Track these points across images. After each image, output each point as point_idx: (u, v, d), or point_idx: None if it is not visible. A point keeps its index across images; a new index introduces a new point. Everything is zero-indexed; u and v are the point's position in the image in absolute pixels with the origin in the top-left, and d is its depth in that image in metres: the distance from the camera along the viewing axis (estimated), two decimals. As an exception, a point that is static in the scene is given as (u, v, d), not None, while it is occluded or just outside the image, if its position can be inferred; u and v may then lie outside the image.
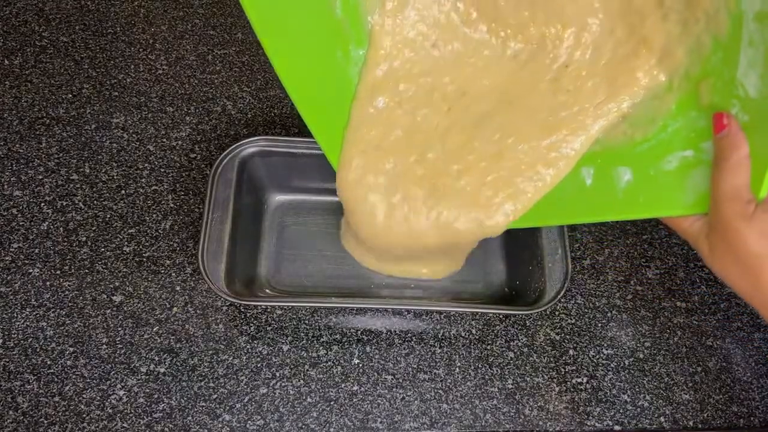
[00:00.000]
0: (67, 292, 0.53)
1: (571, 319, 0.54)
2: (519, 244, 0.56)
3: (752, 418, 0.50)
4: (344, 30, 0.43)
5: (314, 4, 0.41)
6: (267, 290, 0.55)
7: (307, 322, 0.52)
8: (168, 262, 0.54)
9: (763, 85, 0.31)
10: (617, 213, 0.40)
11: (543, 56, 0.42)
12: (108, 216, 0.56)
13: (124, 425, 0.48)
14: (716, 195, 0.33)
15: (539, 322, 0.53)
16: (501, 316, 0.53)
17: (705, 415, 0.50)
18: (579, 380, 0.51)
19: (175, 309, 0.52)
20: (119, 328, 0.51)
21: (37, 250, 0.54)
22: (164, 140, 0.60)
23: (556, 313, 0.54)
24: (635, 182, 0.39)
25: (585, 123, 0.40)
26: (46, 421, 0.48)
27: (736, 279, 0.33)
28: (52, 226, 0.55)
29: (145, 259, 0.54)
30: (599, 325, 0.53)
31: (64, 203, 0.57)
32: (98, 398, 0.49)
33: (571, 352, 0.52)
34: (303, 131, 0.61)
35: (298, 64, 0.42)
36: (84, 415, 0.48)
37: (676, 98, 0.37)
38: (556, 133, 0.41)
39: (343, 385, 0.50)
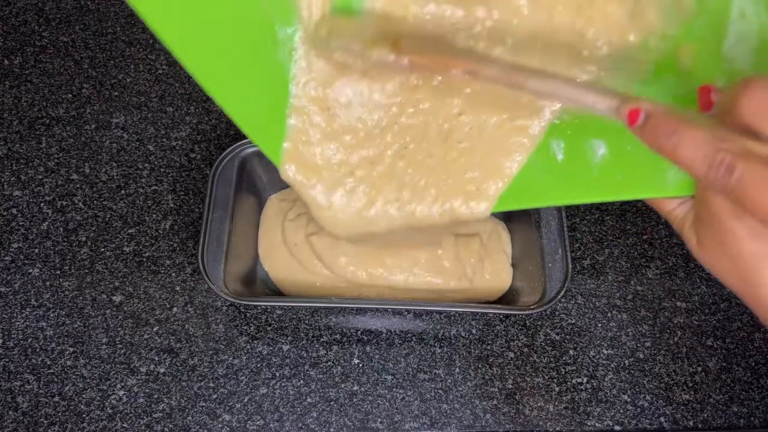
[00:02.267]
0: (67, 292, 0.53)
1: (571, 319, 0.54)
2: (519, 244, 0.56)
3: (752, 418, 0.50)
4: (266, 11, 0.37)
5: None
6: (267, 290, 0.55)
7: (307, 322, 0.52)
8: (168, 262, 0.54)
9: (757, 60, 0.28)
10: (594, 194, 0.37)
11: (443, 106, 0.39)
12: (108, 216, 0.56)
13: (124, 425, 0.48)
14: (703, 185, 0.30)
15: (539, 322, 0.53)
16: (501, 316, 0.53)
17: (705, 415, 0.50)
18: (579, 380, 0.51)
19: (175, 309, 0.52)
20: (119, 328, 0.51)
21: (37, 250, 0.54)
22: (164, 140, 0.60)
23: (556, 313, 0.54)
24: (611, 158, 0.36)
25: (525, 126, 0.38)
26: (46, 421, 0.48)
27: (725, 274, 0.32)
28: (52, 226, 0.55)
29: (145, 259, 0.54)
30: (599, 325, 0.53)
31: (64, 203, 0.57)
32: (98, 398, 0.49)
33: (571, 352, 0.52)
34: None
35: (222, 60, 0.37)
36: (84, 415, 0.48)
37: (652, 59, 0.34)
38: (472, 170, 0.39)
39: (343, 385, 0.50)
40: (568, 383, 0.51)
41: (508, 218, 0.58)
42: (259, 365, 0.50)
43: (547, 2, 0.36)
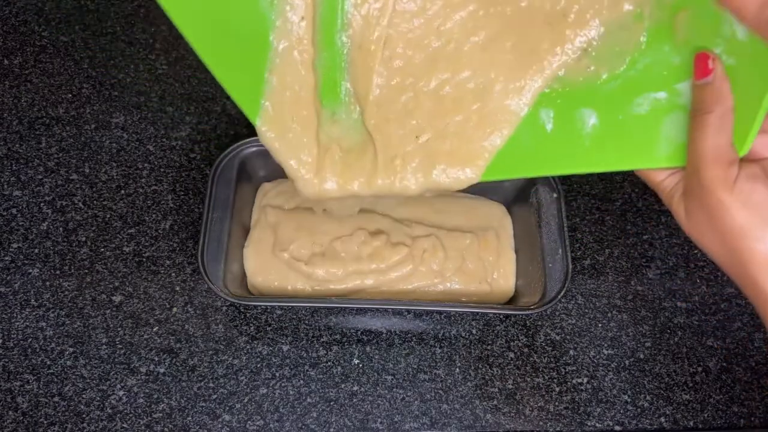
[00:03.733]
0: (66, 292, 0.53)
1: (571, 319, 0.53)
2: (519, 244, 0.56)
3: (753, 419, 0.50)
4: None
5: None
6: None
7: (307, 322, 0.52)
8: (168, 262, 0.54)
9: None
10: (585, 165, 0.37)
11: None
12: (108, 216, 0.56)
13: (124, 425, 0.48)
14: (695, 155, 0.30)
15: (539, 322, 0.53)
16: (501, 317, 0.53)
17: (705, 415, 0.50)
18: (579, 380, 0.51)
19: (174, 309, 0.52)
20: (119, 328, 0.51)
21: (36, 250, 0.54)
22: (164, 140, 0.60)
23: (556, 313, 0.54)
24: (602, 128, 0.35)
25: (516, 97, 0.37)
26: (45, 421, 0.47)
27: (713, 247, 0.31)
28: (51, 226, 0.55)
29: (144, 259, 0.54)
30: (599, 325, 0.53)
31: (64, 203, 0.57)
32: (98, 398, 0.48)
33: (571, 352, 0.52)
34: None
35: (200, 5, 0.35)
36: (84, 415, 0.48)
37: (646, 29, 0.33)
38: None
39: (343, 386, 0.50)
40: (569, 383, 0.51)
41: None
42: (259, 365, 0.50)
43: None
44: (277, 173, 0.56)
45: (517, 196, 0.57)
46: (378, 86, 0.39)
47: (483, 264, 0.54)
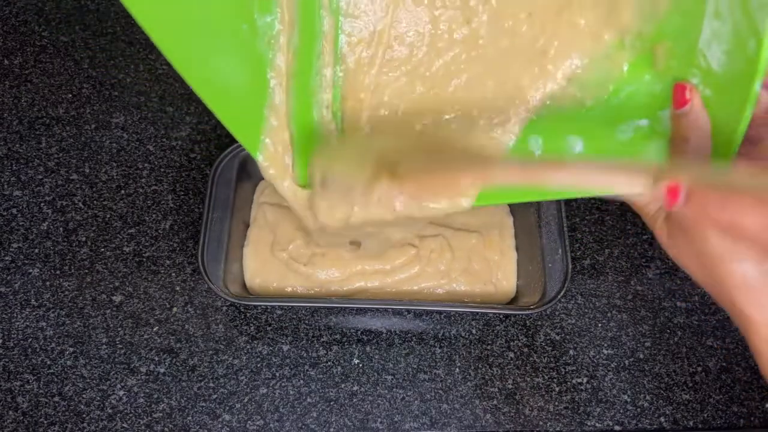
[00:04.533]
0: (67, 292, 0.53)
1: (571, 319, 0.54)
2: (519, 244, 0.56)
3: (752, 418, 0.50)
4: None
5: None
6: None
7: (307, 322, 0.52)
8: (168, 262, 0.54)
9: (729, 61, 0.28)
10: (572, 190, 0.37)
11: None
12: (108, 216, 0.56)
13: (124, 425, 0.48)
14: None
15: (539, 322, 0.53)
16: (501, 316, 0.53)
17: (705, 415, 0.50)
18: (579, 380, 0.51)
19: (175, 309, 0.52)
20: (119, 328, 0.51)
21: (37, 250, 0.54)
22: (164, 140, 0.60)
23: (556, 313, 0.54)
24: (588, 154, 0.36)
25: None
26: (46, 421, 0.48)
27: (692, 269, 0.33)
28: (52, 226, 0.55)
29: (145, 259, 0.54)
30: (599, 325, 0.53)
31: (64, 203, 0.57)
32: (98, 398, 0.49)
33: (571, 352, 0.52)
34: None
35: (199, 46, 0.35)
36: (84, 415, 0.48)
37: (628, 58, 0.34)
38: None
39: (343, 385, 0.50)
40: (568, 383, 0.51)
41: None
42: (259, 365, 0.50)
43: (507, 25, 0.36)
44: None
45: (517, 196, 0.57)
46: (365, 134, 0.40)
47: (488, 264, 0.54)
